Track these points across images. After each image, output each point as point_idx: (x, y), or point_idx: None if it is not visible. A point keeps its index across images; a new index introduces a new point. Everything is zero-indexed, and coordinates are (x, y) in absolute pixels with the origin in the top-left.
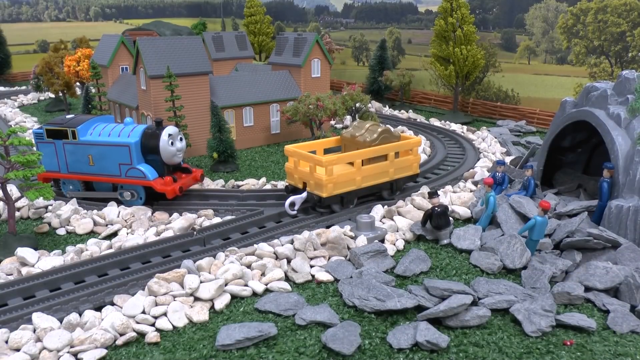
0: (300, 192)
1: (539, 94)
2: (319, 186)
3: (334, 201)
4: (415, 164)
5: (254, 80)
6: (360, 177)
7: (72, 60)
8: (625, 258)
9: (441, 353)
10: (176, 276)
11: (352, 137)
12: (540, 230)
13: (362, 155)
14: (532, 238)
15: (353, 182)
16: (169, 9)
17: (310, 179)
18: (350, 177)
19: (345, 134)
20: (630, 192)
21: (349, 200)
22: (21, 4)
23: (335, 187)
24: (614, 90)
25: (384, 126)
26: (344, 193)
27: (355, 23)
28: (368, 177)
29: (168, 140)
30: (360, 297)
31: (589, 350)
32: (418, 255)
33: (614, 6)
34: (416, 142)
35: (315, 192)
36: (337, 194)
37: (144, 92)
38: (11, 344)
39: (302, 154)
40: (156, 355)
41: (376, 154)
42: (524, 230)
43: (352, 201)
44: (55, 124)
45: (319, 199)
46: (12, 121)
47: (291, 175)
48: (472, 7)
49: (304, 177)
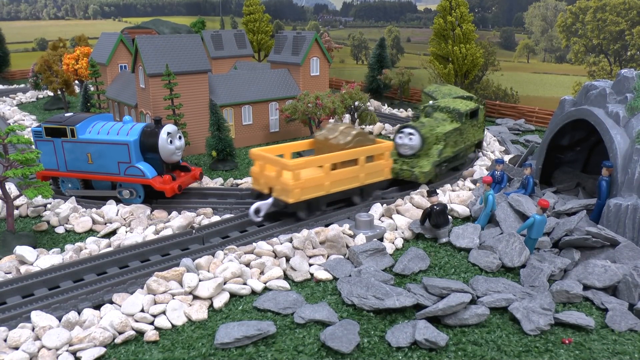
0: (267, 197)
1: (537, 93)
2: (285, 191)
3: (300, 207)
4: (387, 168)
5: (253, 78)
6: (329, 181)
7: (71, 59)
8: (623, 256)
9: (440, 351)
10: (175, 274)
11: (325, 139)
12: (539, 228)
13: (331, 159)
14: (531, 236)
15: (321, 187)
16: (168, 7)
17: (277, 184)
18: (319, 181)
19: (318, 137)
20: (629, 191)
21: (317, 206)
22: (20, 2)
23: (302, 193)
24: (613, 88)
25: (358, 128)
26: (311, 199)
27: (354, 21)
28: (338, 182)
29: (167, 138)
30: (359, 296)
31: (587, 348)
32: (417, 254)
33: (612, 5)
34: (388, 146)
35: (281, 197)
36: (305, 199)
37: (142, 91)
38: (10, 343)
39: (269, 157)
40: (155, 354)
41: (346, 157)
42: (522, 228)
43: (320, 207)
44: (54, 122)
45: (285, 204)
46: (10, 119)
47: (257, 180)
48: (471, 5)
49: (270, 182)
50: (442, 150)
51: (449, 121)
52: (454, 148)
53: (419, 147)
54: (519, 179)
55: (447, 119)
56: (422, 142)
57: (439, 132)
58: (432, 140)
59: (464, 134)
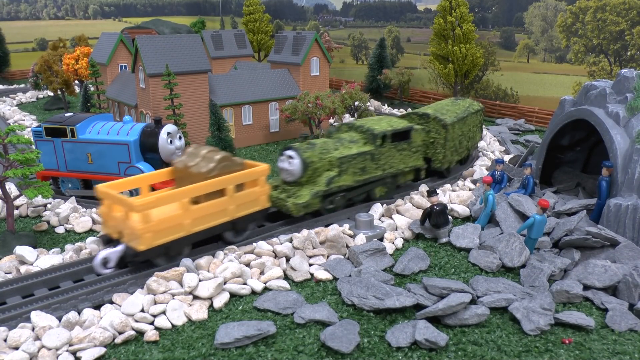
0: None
1: (538, 93)
2: (134, 237)
3: (155, 254)
4: (264, 197)
5: (253, 78)
6: (190, 219)
7: (71, 59)
8: (623, 256)
9: (440, 351)
10: (175, 274)
11: (185, 167)
12: (539, 228)
13: (189, 193)
14: (531, 236)
15: (181, 227)
16: (168, 7)
17: (125, 228)
18: (177, 221)
19: (177, 164)
20: (629, 191)
21: (178, 250)
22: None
23: (155, 237)
24: (613, 88)
25: (223, 153)
26: (169, 242)
27: (354, 21)
28: (201, 218)
29: (167, 138)
30: (359, 296)
31: (587, 348)
32: (417, 254)
33: (612, 5)
34: (262, 170)
35: (130, 244)
36: (160, 244)
37: (143, 91)
38: (10, 343)
39: (113, 195)
40: (155, 354)
41: (209, 189)
42: (522, 228)
43: (181, 251)
44: (54, 122)
45: (135, 253)
46: (10, 119)
47: (106, 223)
48: (471, 5)
49: (118, 225)
50: (334, 179)
51: (361, 143)
52: (357, 176)
53: (300, 173)
54: (519, 179)
55: (359, 140)
56: (304, 167)
57: (333, 156)
58: (322, 165)
59: (381, 159)
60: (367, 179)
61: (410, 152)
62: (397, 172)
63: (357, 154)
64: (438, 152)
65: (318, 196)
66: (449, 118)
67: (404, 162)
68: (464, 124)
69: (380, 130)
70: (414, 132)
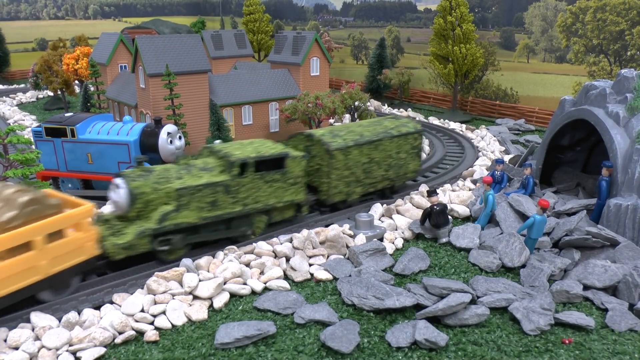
0: None
1: (538, 93)
2: None
3: None
4: (90, 243)
5: (253, 78)
6: None
7: (71, 59)
8: (623, 256)
9: (440, 351)
10: (175, 275)
11: None
12: (539, 228)
13: None
14: (531, 236)
15: None
16: (168, 7)
17: None
18: None
19: None
20: (629, 191)
21: None
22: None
23: None
24: (613, 88)
25: (33, 193)
26: None
27: (354, 21)
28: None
29: (167, 138)
30: (359, 296)
31: (587, 348)
32: (417, 254)
33: (612, 5)
34: (85, 211)
35: None
36: None
37: (143, 91)
38: (10, 343)
39: None
40: (155, 354)
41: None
42: (522, 228)
43: None
44: (54, 122)
45: None
46: (10, 119)
47: None
48: (471, 5)
49: None
50: (170, 215)
51: (216, 171)
52: (205, 213)
53: (126, 205)
54: (519, 179)
55: (215, 167)
56: (131, 198)
57: (172, 187)
58: (158, 197)
59: (240, 192)
60: (220, 215)
61: (284, 183)
62: (265, 207)
63: (204, 184)
64: (323, 182)
65: (146, 235)
66: (340, 142)
67: (277, 196)
68: (373, 149)
69: (238, 157)
70: (289, 160)
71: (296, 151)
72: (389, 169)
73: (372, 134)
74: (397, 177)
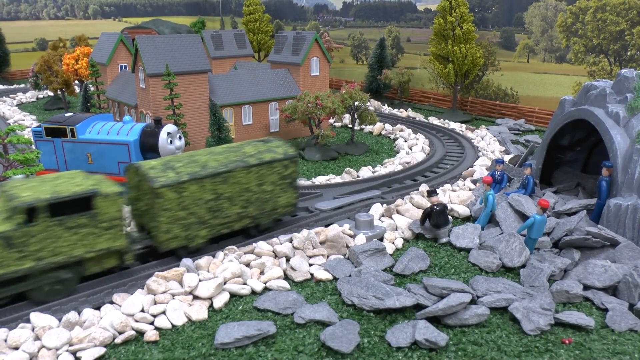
0: None
1: (538, 93)
2: None
3: None
4: None
5: (253, 78)
6: None
7: (71, 59)
8: (623, 256)
9: (440, 351)
10: (175, 275)
11: None
12: (539, 228)
13: None
14: (531, 237)
15: None
16: (168, 7)
17: None
18: None
19: None
20: (629, 191)
21: None
22: (20, 2)
23: None
24: (613, 88)
25: None
26: None
27: (354, 21)
28: None
29: (167, 138)
30: (359, 296)
31: (587, 348)
32: (417, 254)
33: (612, 5)
34: None
35: None
36: None
37: (143, 91)
38: (10, 343)
39: None
40: (155, 354)
41: None
42: (522, 228)
43: None
44: (54, 122)
45: None
46: (10, 119)
47: None
48: (471, 5)
49: None
50: None
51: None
52: None
53: None
54: (519, 179)
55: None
56: None
57: None
58: None
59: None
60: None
61: (96, 228)
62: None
63: None
64: (152, 226)
65: None
66: (171, 177)
67: (86, 245)
68: (221, 182)
69: (24, 201)
70: (100, 199)
71: (111, 186)
72: (248, 206)
73: (220, 164)
74: (262, 215)
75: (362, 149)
